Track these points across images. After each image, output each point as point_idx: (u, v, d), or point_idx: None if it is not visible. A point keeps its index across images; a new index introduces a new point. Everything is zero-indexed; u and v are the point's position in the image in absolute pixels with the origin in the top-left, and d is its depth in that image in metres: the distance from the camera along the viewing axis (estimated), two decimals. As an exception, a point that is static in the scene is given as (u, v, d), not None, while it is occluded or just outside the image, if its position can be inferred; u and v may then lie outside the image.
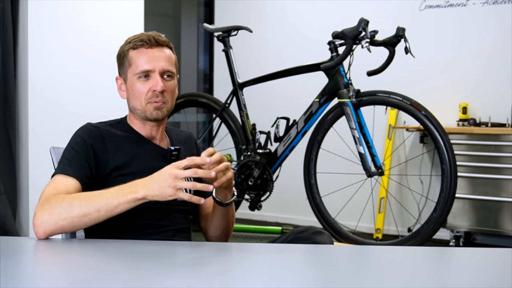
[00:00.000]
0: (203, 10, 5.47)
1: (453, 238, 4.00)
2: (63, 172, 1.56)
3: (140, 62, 1.67)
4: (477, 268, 1.31)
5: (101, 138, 1.65)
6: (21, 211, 3.40)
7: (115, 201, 1.42)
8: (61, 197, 1.46)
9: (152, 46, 1.68)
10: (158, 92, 1.65)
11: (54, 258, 1.35)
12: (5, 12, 3.27)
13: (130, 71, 1.69)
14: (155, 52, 1.67)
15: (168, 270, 1.19)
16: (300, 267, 1.29)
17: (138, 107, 1.68)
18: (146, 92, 1.66)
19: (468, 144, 3.89)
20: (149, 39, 1.68)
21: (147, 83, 1.66)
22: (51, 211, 1.42)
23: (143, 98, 1.66)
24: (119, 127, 1.72)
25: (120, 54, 1.74)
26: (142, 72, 1.66)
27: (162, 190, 1.39)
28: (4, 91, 3.30)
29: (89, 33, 3.64)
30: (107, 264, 1.27)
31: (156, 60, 1.66)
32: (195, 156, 1.73)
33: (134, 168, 1.63)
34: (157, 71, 1.66)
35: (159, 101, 1.66)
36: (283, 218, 4.74)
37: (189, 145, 1.83)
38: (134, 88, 1.68)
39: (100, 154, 1.62)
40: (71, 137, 1.66)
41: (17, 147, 3.40)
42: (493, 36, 4.08)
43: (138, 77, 1.66)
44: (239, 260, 1.33)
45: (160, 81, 1.65)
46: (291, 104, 3.83)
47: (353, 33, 2.91)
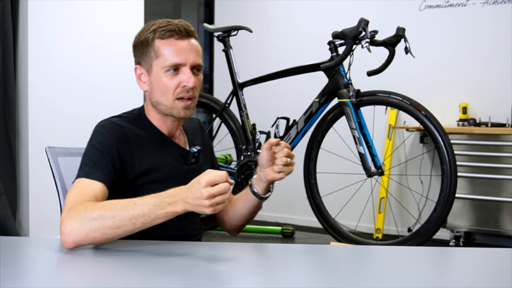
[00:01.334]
0: (203, 10, 5.48)
1: (453, 238, 3.99)
2: (89, 176, 1.45)
3: (170, 55, 1.54)
4: (477, 268, 1.30)
5: (126, 139, 1.54)
6: (21, 211, 3.40)
7: (153, 214, 1.33)
8: (91, 205, 1.36)
9: (182, 37, 1.55)
10: (189, 87, 1.55)
11: (54, 258, 1.35)
12: (5, 12, 3.27)
13: (157, 63, 1.56)
14: (186, 44, 1.55)
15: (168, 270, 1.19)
16: (300, 267, 1.29)
17: (164, 103, 1.57)
18: (175, 87, 1.55)
19: (468, 144, 3.88)
20: (179, 30, 1.55)
21: (176, 77, 1.55)
22: (81, 221, 1.32)
23: (171, 94, 1.55)
24: (139, 124, 1.61)
25: (142, 41, 1.59)
26: (172, 65, 1.54)
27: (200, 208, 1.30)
28: (4, 91, 3.30)
29: (89, 33, 3.64)
30: (107, 264, 1.27)
31: (187, 52, 1.55)
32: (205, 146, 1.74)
33: (159, 175, 1.56)
34: (188, 65, 1.55)
35: (189, 97, 1.56)
36: (283, 218, 4.74)
37: (200, 135, 1.78)
38: (160, 82, 1.56)
39: (125, 157, 1.52)
40: (93, 135, 1.54)
41: (17, 147, 3.40)
42: (493, 36, 4.08)
43: (166, 71, 1.55)
44: (239, 260, 1.33)
45: (192, 76, 1.54)
46: (291, 104, 3.83)
47: (353, 33, 2.91)
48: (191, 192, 1.30)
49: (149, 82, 1.59)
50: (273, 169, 1.58)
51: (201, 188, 1.28)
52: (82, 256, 1.34)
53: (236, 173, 3.30)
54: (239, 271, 1.21)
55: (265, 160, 1.60)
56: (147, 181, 1.55)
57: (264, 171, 1.61)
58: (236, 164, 3.36)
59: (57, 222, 1.71)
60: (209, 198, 1.28)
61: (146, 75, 1.60)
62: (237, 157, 3.43)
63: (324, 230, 3.22)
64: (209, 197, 1.27)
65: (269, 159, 1.59)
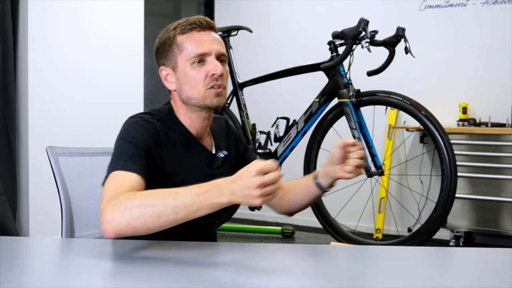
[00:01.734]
0: (203, 10, 5.47)
1: (453, 238, 3.99)
2: (126, 168, 1.41)
3: (193, 46, 1.53)
4: (477, 268, 1.31)
5: (158, 137, 1.52)
6: (21, 211, 3.40)
7: (196, 205, 1.26)
8: (132, 194, 1.33)
9: (204, 28, 1.55)
10: (218, 75, 1.52)
11: (54, 258, 1.35)
12: (5, 12, 3.27)
13: (182, 57, 1.54)
14: (208, 35, 1.55)
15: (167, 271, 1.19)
16: (300, 267, 1.29)
17: (195, 96, 1.55)
18: (204, 77, 1.53)
19: (468, 144, 3.89)
20: (200, 22, 1.55)
21: (203, 68, 1.53)
22: (122, 209, 1.29)
23: (201, 85, 1.53)
24: (168, 123, 1.58)
25: (164, 42, 1.58)
26: (198, 55, 1.53)
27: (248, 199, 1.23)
28: (4, 91, 3.30)
29: (89, 33, 3.64)
30: (107, 264, 1.27)
31: (210, 43, 1.54)
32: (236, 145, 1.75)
33: (183, 177, 1.51)
34: (214, 53, 1.53)
35: (220, 85, 1.54)
36: (283, 218, 4.73)
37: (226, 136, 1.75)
38: (188, 75, 1.54)
39: (156, 155, 1.50)
40: (126, 130, 1.51)
41: (17, 147, 3.40)
42: (493, 36, 4.08)
43: (192, 63, 1.53)
44: (238, 260, 1.33)
45: (218, 63, 1.53)
46: (291, 104, 3.83)
47: (353, 33, 2.91)
48: (238, 183, 1.23)
49: (176, 79, 1.57)
50: (344, 168, 1.59)
51: (251, 177, 1.21)
52: (82, 256, 1.34)
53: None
54: (239, 271, 1.21)
55: (337, 158, 1.59)
56: (171, 182, 1.49)
57: (334, 168, 1.61)
58: (236, 164, 3.36)
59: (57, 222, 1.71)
60: (260, 188, 1.21)
61: (172, 74, 1.58)
62: (237, 157, 3.43)
63: (324, 230, 3.22)
64: (260, 186, 1.21)
65: (340, 158, 1.59)
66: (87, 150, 1.81)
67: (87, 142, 3.35)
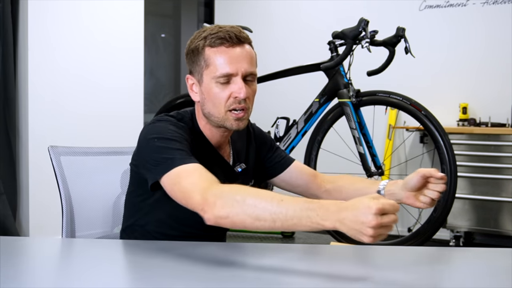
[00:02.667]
0: (203, 10, 5.47)
1: (453, 238, 3.99)
2: (187, 162, 1.35)
3: (220, 64, 1.46)
4: (477, 268, 1.31)
5: (187, 137, 1.48)
6: (21, 211, 3.40)
7: (296, 219, 1.19)
8: (235, 188, 1.27)
9: (233, 44, 1.47)
10: (241, 99, 1.48)
11: (54, 258, 1.35)
12: (5, 12, 3.27)
13: (208, 73, 1.48)
14: (237, 52, 1.47)
15: (167, 271, 1.19)
16: (300, 267, 1.29)
17: (215, 115, 1.50)
18: (227, 98, 1.48)
19: (468, 144, 3.88)
20: (230, 37, 1.46)
21: (228, 88, 1.47)
22: (224, 200, 1.24)
23: (222, 105, 1.48)
24: (190, 127, 1.54)
25: (193, 49, 1.51)
26: (223, 75, 1.46)
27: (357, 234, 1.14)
28: (4, 91, 3.30)
29: (89, 33, 3.64)
30: (108, 264, 1.27)
31: (238, 61, 1.47)
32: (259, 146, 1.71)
33: None
34: (240, 74, 1.47)
35: (242, 108, 1.49)
36: (283, 218, 4.73)
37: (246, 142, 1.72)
38: (211, 93, 1.48)
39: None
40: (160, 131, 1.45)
41: (17, 147, 3.40)
42: (493, 36, 4.08)
43: (217, 81, 1.47)
44: (238, 260, 1.33)
45: (243, 86, 1.47)
46: (291, 104, 3.83)
47: (353, 33, 2.91)
48: (353, 214, 1.13)
49: (201, 92, 1.52)
50: (419, 198, 1.50)
51: (369, 214, 1.11)
52: (83, 256, 1.34)
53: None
54: (238, 271, 1.21)
55: (414, 185, 1.50)
56: None
57: (406, 193, 1.53)
58: (236, 164, 3.36)
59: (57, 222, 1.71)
60: (376, 228, 1.11)
61: (197, 85, 1.53)
62: (237, 157, 3.43)
63: (324, 230, 3.21)
64: (376, 227, 1.11)
65: (418, 186, 1.49)
66: (90, 149, 1.81)
67: (87, 141, 3.36)
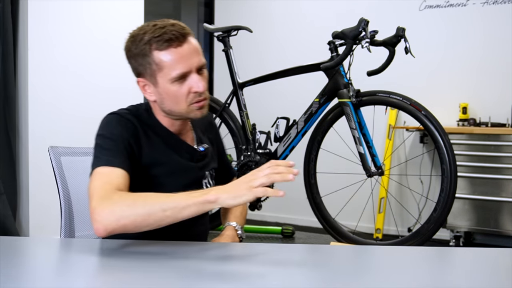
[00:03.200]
0: (203, 10, 5.48)
1: (453, 238, 3.99)
2: (109, 163, 1.43)
3: (173, 65, 1.49)
4: (477, 268, 1.31)
5: (136, 133, 1.53)
6: (21, 211, 3.40)
7: (183, 203, 1.30)
8: (125, 194, 1.36)
9: (180, 43, 1.49)
10: (200, 92, 1.52)
11: (54, 258, 1.35)
12: (5, 12, 3.27)
13: (162, 76, 1.51)
14: (186, 49, 1.50)
15: (168, 271, 1.19)
16: (300, 267, 1.29)
17: (178, 111, 1.55)
18: (187, 94, 1.52)
19: (468, 144, 3.89)
20: (176, 36, 1.49)
21: (185, 84, 1.51)
22: (113, 208, 1.32)
23: (184, 101, 1.53)
24: (146, 120, 1.59)
25: (138, 54, 1.53)
26: (179, 76, 1.50)
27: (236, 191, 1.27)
28: (4, 91, 3.30)
29: (88, 33, 3.64)
30: (107, 264, 1.27)
31: (189, 58, 1.50)
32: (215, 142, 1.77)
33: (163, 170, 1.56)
34: (194, 70, 1.51)
35: (202, 99, 1.54)
36: (283, 218, 4.74)
37: (210, 132, 1.78)
38: (170, 92, 1.52)
39: (135, 148, 1.51)
40: (103, 127, 1.52)
41: (17, 147, 3.40)
42: (493, 36, 4.08)
43: (174, 81, 1.51)
44: (239, 260, 1.33)
45: (199, 80, 1.51)
46: (291, 104, 3.83)
47: (353, 33, 2.91)
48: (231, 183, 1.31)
49: (157, 93, 1.55)
50: None
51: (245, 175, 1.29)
52: (83, 256, 1.34)
53: (236, 173, 3.30)
54: (238, 271, 1.21)
55: None
56: (152, 174, 1.54)
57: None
58: (236, 164, 3.36)
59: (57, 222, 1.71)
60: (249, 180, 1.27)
61: (151, 86, 1.56)
62: (237, 157, 3.43)
63: (324, 230, 3.21)
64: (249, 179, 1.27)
65: None
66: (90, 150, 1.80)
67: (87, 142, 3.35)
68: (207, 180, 1.68)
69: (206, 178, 1.68)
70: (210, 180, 1.70)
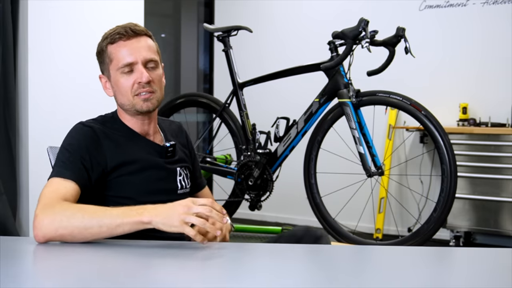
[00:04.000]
0: (203, 10, 5.47)
1: (453, 238, 4.00)
2: (59, 175, 1.52)
3: (121, 56, 1.61)
4: (477, 268, 1.31)
5: (96, 138, 1.60)
6: (21, 211, 3.40)
7: (119, 220, 1.36)
8: (66, 205, 1.43)
9: (129, 37, 1.62)
10: (144, 83, 1.60)
11: (54, 258, 1.35)
12: (5, 12, 3.27)
13: (112, 67, 1.64)
14: (134, 43, 1.62)
15: (168, 271, 1.19)
16: (300, 267, 1.29)
17: (126, 102, 1.64)
18: (132, 85, 1.61)
19: (468, 144, 3.89)
20: (126, 31, 1.62)
21: (131, 76, 1.61)
22: (53, 217, 1.39)
23: (129, 93, 1.62)
24: (111, 125, 1.68)
25: (99, 51, 1.68)
26: (125, 65, 1.61)
27: (169, 220, 1.33)
28: (4, 91, 3.30)
29: (88, 33, 3.64)
30: (107, 264, 1.27)
31: (137, 51, 1.61)
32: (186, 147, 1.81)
33: (133, 168, 1.61)
34: (140, 62, 1.61)
35: (147, 91, 1.61)
36: (283, 218, 4.74)
37: (181, 137, 1.83)
38: (119, 83, 1.63)
39: (96, 155, 1.58)
40: (64, 139, 1.63)
41: (17, 147, 3.40)
42: (493, 36, 4.08)
43: (122, 72, 1.62)
44: (239, 260, 1.33)
45: (144, 71, 1.60)
46: (291, 104, 3.83)
47: (353, 33, 2.91)
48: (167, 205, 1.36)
49: (112, 87, 1.67)
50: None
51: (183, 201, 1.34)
52: (82, 256, 1.34)
53: (236, 173, 3.30)
54: (238, 271, 1.21)
55: None
56: (122, 173, 1.60)
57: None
58: (236, 164, 3.37)
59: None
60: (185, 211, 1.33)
61: (108, 82, 1.68)
62: (237, 157, 3.43)
63: (324, 230, 3.21)
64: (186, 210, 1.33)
65: None
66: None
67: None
68: (182, 177, 1.72)
69: (180, 176, 1.72)
70: (186, 179, 1.74)
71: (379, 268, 1.30)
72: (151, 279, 1.11)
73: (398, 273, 1.22)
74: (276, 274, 1.19)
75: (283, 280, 1.14)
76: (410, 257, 1.41)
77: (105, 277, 1.14)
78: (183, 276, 1.15)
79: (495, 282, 1.17)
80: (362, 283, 1.14)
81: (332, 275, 1.20)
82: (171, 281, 1.11)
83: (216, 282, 1.12)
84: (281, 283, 1.12)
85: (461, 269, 1.33)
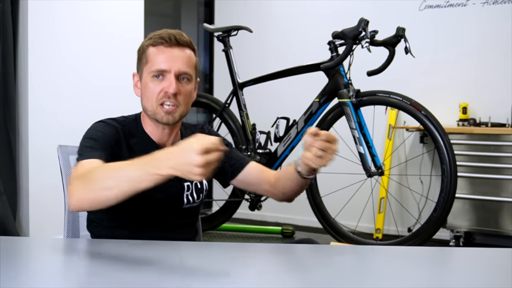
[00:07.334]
0: (203, 10, 5.47)
1: (453, 238, 3.99)
2: (89, 157, 1.48)
3: (157, 61, 1.58)
4: (477, 268, 1.31)
5: (118, 138, 1.58)
6: (21, 211, 3.40)
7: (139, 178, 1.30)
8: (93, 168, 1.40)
9: (172, 45, 1.59)
10: (170, 94, 1.56)
11: (54, 258, 1.35)
12: (5, 12, 3.27)
13: (146, 69, 1.61)
14: (174, 52, 1.59)
15: (168, 271, 1.19)
16: (300, 267, 1.29)
17: (149, 108, 1.60)
18: (158, 92, 1.58)
19: (468, 144, 3.88)
20: (170, 38, 1.59)
21: (161, 83, 1.58)
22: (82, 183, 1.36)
23: (154, 99, 1.58)
24: (132, 128, 1.64)
25: (139, 49, 1.66)
26: (157, 71, 1.58)
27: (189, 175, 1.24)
28: (4, 91, 3.30)
29: (89, 33, 3.64)
30: (107, 264, 1.27)
31: (174, 60, 1.58)
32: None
33: None
34: (173, 71, 1.57)
35: (171, 103, 1.57)
36: (283, 218, 4.73)
37: None
38: (147, 87, 1.60)
39: (115, 150, 1.55)
40: (87, 132, 1.58)
41: (17, 147, 3.40)
42: (493, 36, 4.08)
43: (153, 76, 1.58)
44: (239, 260, 1.33)
45: (174, 82, 1.56)
46: (291, 104, 3.83)
47: (353, 33, 2.91)
48: (181, 157, 1.25)
49: (141, 88, 1.64)
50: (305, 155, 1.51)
51: (194, 155, 1.22)
52: (83, 256, 1.34)
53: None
54: (238, 271, 1.21)
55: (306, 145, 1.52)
56: None
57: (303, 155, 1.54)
58: (236, 164, 3.36)
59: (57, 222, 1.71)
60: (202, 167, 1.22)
61: (139, 82, 1.65)
62: (237, 157, 3.43)
63: (324, 230, 3.22)
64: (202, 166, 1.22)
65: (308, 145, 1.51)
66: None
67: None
68: (189, 192, 1.67)
69: (188, 190, 1.66)
70: (195, 193, 1.68)
71: (379, 268, 1.30)
72: (152, 279, 1.11)
73: (398, 273, 1.22)
74: (276, 274, 1.19)
75: (283, 280, 1.14)
76: (410, 257, 1.41)
77: (105, 277, 1.14)
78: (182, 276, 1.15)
79: (495, 282, 1.17)
80: (362, 283, 1.14)
81: (332, 275, 1.20)
82: (170, 281, 1.11)
83: (215, 282, 1.12)
84: (281, 283, 1.12)
85: (461, 269, 1.33)
